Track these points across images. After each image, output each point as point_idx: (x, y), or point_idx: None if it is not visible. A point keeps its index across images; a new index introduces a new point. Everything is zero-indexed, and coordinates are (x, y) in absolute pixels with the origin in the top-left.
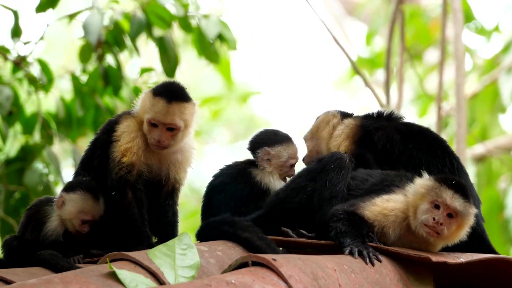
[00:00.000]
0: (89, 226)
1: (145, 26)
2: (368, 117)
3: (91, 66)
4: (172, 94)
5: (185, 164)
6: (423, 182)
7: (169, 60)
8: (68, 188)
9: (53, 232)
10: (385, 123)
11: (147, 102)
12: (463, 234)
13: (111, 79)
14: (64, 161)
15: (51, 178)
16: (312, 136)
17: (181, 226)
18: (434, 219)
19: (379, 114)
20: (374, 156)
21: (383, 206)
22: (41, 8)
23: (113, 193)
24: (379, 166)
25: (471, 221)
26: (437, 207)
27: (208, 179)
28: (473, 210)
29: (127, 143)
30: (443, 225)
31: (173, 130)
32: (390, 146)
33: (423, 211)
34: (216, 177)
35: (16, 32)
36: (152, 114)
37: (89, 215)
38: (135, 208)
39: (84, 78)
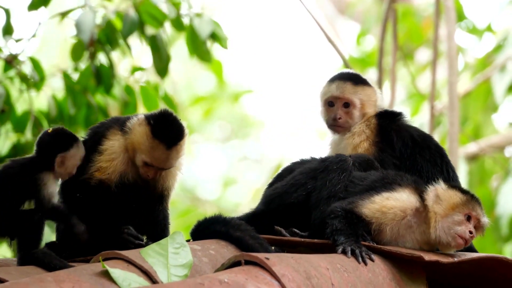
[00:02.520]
0: None
1: (138, 25)
2: (382, 115)
3: (83, 64)
4: (171, 138)
5: (174, 172)
6: (451, 192)
7: (161, 59)
8: (63, 147)
9: (53, 196)
10: (399, 125)
11: (145, 140)
12: None
13: (103, 77)
14: None
15: None
16: (361, 102)
17: (173, 225)
18: (471, 233)
19: (392, 114)
20: (392, 162)
21: (382, 204)
22: (33, 7)
23: (78, 194)
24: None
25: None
26: (468, 219)
27: (200, 179)
28: None
29: (105, 162)
30: (474, 237)
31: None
32: (404, 150)
33: (457, 222)
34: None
35: (8, 30)
36: (151, 159)
37: (81, 160)
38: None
39: (75, 77)
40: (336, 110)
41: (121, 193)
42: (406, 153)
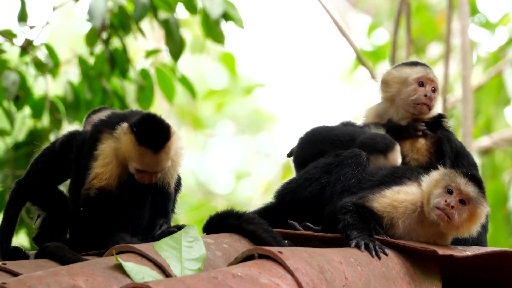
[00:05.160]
0: None
1: (150, 9)
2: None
3: (98, 49)
4: (157, 142)
5: (172, 169)
6: (438, 171)
7: (175, 42)
8: None
9: None
10: (444, 133)
11: (132, 148)
12: (473, 227)
13: (117, 62)
14: None
15: None
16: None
17: (186, 219)
18: (446, 201)
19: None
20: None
21: (393, 198)
22: None
23: (81, 208)
24: None
25: (483, 213)
26: (450, 192)
27: (212, 173)
28: (486, 205)
29: (100, 168)
30: (454, 208)
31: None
32: (450, 154)
33: (436, 196)
34: None
35: (22, 17)
36: (142, 165)
37: None
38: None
39: (91, 61)
40: (429, 90)
41: (124, 194)
42: (451, 158)
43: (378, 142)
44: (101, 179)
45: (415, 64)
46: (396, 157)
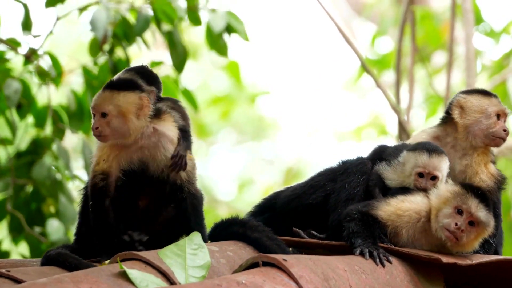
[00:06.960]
0: None
1: (152, 21)
2: None
3: (102, 59)
4: (112, 84)
5: (191, 169)
6: (449, 186)
7: (178, 54)
8: None
9: None
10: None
11: None
12: (478, 243)
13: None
14: (76, 156)
15: (60, 173)
16: None
17: None
18: (456, 224)
19: None
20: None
21: (397, 207)
22: (50, 3)
23: (90, 202)
24: None
25: (489, 232)
26: (460, 213)
27: (216, 180)
28: (493, 220)
29: (97, 154)
30: (463, 232)
31: (105, 116)
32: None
33: (445, 215)
34: None
35: (26, 25)
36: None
37: None
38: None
39: (94, 70)
40: (504, 123)
41: (130, 185)
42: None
43: (427, 143)
44: (99, 163)
45: (489, 94)
46: (438, 164)
